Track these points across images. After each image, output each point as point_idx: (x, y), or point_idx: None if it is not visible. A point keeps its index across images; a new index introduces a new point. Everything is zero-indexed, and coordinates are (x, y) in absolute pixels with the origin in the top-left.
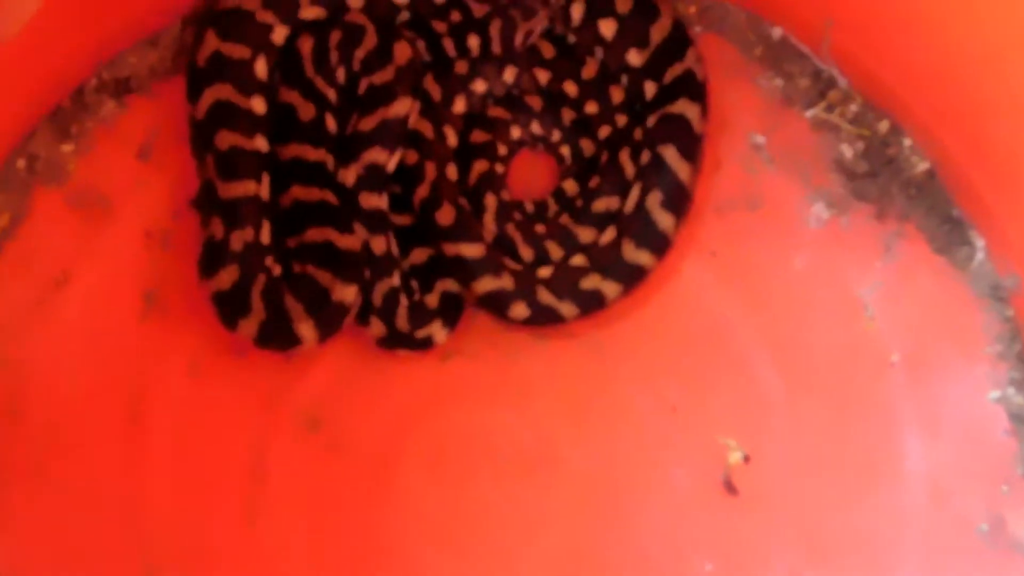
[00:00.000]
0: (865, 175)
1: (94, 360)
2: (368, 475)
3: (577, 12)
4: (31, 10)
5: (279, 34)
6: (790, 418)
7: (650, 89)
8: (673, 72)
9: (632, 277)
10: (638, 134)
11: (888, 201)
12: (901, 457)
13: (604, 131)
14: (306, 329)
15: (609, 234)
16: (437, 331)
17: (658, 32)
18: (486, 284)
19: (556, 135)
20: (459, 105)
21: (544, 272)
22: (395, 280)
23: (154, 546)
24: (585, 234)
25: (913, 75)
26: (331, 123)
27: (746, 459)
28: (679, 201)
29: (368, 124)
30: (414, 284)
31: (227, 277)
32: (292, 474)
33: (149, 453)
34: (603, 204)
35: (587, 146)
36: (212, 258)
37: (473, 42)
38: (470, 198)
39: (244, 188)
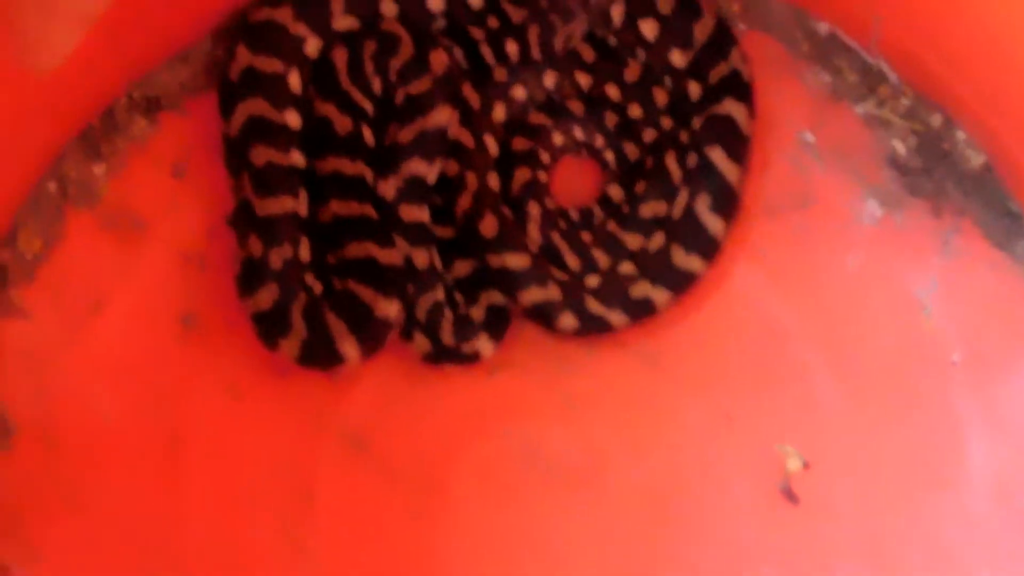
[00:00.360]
0: (919, 171)
1: (132, 385)
2: (416, 494)
3: (617, 13)
4: (72, 43)
5: (312, 46)
6: (849, 422)
7: (695, 90)
8: (718, 72)
9: (682, 283)
10: (684, 137)
11: (944, 197)
12: (965, 459)
13: (649, 135)
14: (349, 347)
15: (657, 240)
16: (483, 345)
17: (701, 31)
18: (533, 295)
19: (599, 140)
20: (499, 113)
21: (592, 281)
22: (439, 294)
23: (195, 574)
24: (633, 241)
25: (965, 67)
26: (368, 135)
27: (805, 466)
28: (728, 204)
29: (407, 135)
30: (458, 297)
31: (267, 296)
32: (338, 496)
33: (189, 479)
34: (650, 209)
35: (632, 150)
36: (251, 277)
37: (512, 48)
38: (513, 207)
39: (281, 205)
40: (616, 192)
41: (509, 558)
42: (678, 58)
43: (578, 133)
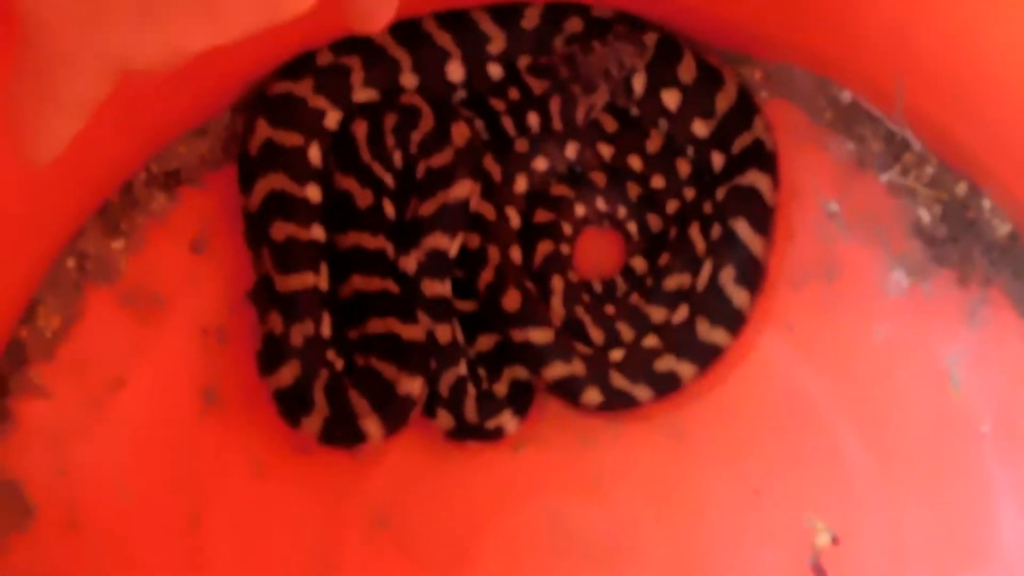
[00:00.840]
0: (945, 240)
1: (153, 463)
2: (442, 571)
3: (639, 84)
4: (71, 133)
5: (332, 119)
6: (879, 495)
7: (718, 160)
8: (741, 142)
9: (708, 356)
10: (707, 207)
11: (970, 266)
12: (998, 532)
13: (672, 205)
14: (372, 425)
15: (682, 312)
16: (507, 420)
17: (724, 100)
18: (557, 370)
19: (622, 211)
20: (521, 184)
21: (616, 355)
22: (462, 369)
23: None
24: (657, 313)
25: (991, 135)
26: (389, 209)
27: (835, 540)
28: (753, 276)
29: (428, 209)
30: (481, 372)
31: (288, 373)
32: (362, 574)
33: (212, 557)
34: (674, 282)
35: (655, 221)
36: (272, 354)
37: (533, 119)
38: (536, 281)
39: (302, 280)
40: (639, 264)
41: None
42: (701, 128)
43: (600, 204)
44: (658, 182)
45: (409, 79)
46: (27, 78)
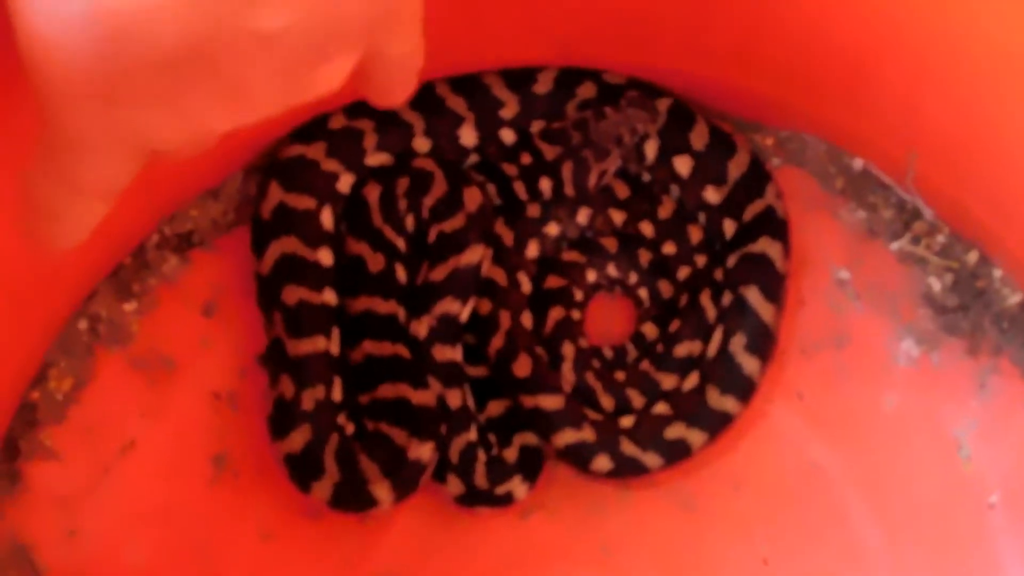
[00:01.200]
0: (955, 309)
1: (163, 527)
2: None
3: (651, 150)
4: (96, 219)
5: (344, 183)
6: (888, 566)
7: (729, 228)
8: (753, 209)
9: (718, 424)
10: (719, 274)
11: (980, 335)
12: None
13: (683, 272)
14: (382, 490)
15: (692, 380)
16: (517, 487)
17: (736, 168)
18: (567, 437)
19: (633, 277)
20: (532, 250)
21: (626, 422)
22: (472, 435)
23: None
24: (667, 380)
25: (1002, 204)
26: (401, 274)
27: None
28: (764, 344)
29: (439, 274)
30: (492, 438)
31: (299, 438)
32: None
33: None
34: (685, 349)
35: (665, 288)
36: (283, 419)
37: (545, 185)
38: (547, 347)
39: (314, 345)
40: (650, 330)
41: None
42: (712, 195)
43: (612, 270)
44: (669, 248)
45: (422, 143)
46: (47, 163)
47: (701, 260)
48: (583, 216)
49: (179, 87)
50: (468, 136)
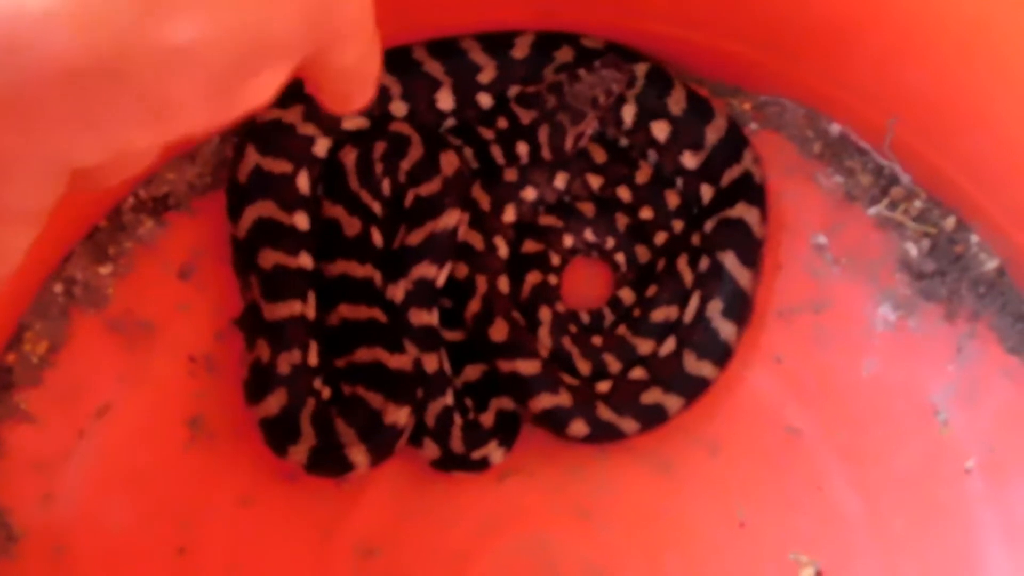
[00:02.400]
0: (933, 274)
1: (140, 490)
2: None
3: (628, 114)
4: (23, 247)
5: (321, 146)
6: (865, 531)
7: (707, 193)
8: (730, 175)
9: (694, 389)
10: (696, 239)
11: (958, 301)
12: (984, 569)
13: (660, 237)
14: (358, 454)
15: (669, 345)
16: (493, 451)
17: (713, 133)
18: (543, 401)
19: (610, 242)
20: (509, 214)
21: (603, 387)
22: (448, 399)
23: None
24: (644, 345)
25: (979, 170)
26: (377, 238)
27: (819, 575)
28: (741, 309)
29: (416, 238)
30: (468, 402)
31: (275, 402)
32: None
33: None
34: (662, 314)
35: (643, 252)
36: (259, 383)
37: (522, 149)
38: (524, 311)
39: (290, 309)
40: (627, 295)
41: None
42: (690, 160)
43: (589, 235)
44: (647, 213)
45: (399, 107)
46: None
47: (678, 225)
48: (560, 180)
49: (91, 103)
50: (445, 100)
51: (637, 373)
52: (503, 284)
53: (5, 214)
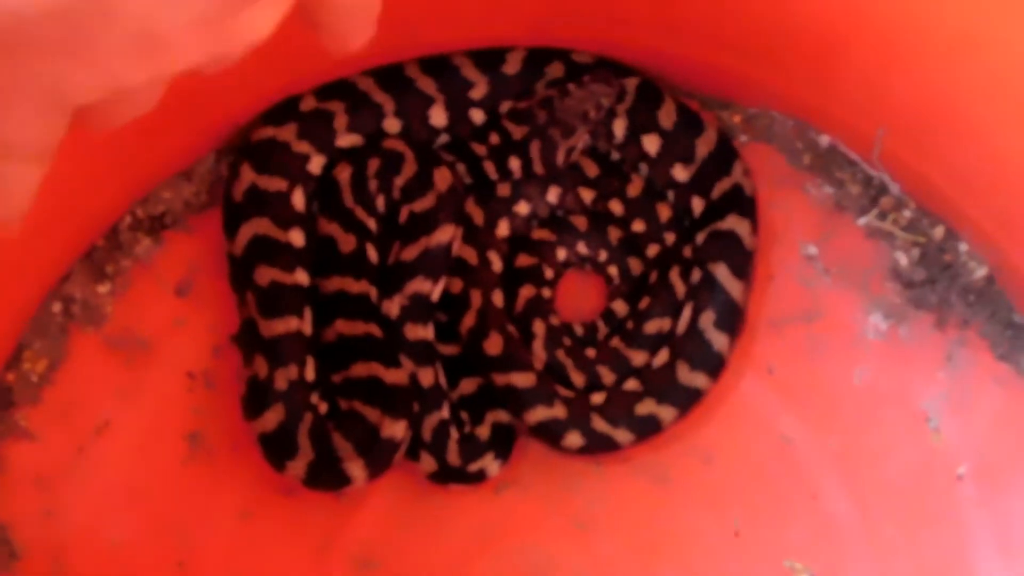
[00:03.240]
0: (923, 283)
1: (139, 506)
2: None
3: (619, 128)
4: (31, 187)
5: (316, 164)
6: (858, 538)
7: (698, 205)
8: (721, 187)
9: (688, 400)
10: (687, 252)
11: (948, 309)
12: (975, 573)
13: (652, 250)
14: (356, 468)
15: (662, 356)
16: (489, 464)
17: (704, 146)
18: (538, 414)
19: (603, 255)
20: (503, 229)
21: (597, 398)
22: (444, 412)
23: None
24: (637, 357)
25: (967, 179)
26: (372, 254)
27: None
28: (733, 320)
29: (411, 253)
30: (464, 416)
31: (273, 418)
32: None
33: None
34: (655, 326)
35: (635, 265)
36: (256, 399)
37: (514, 164)
38: (518, 325)
39: (286, 325)
40: (620, 307)
41: None
42: (681, 173)
43: (582, 248)
44: (639, 226)
45: (392, 124)
46: None
47: (670, 237)
48: (553, 195)
49: (81, 36)
50: (438, 117)
51: (631, 384)
52: (497, 298)
53: (7, 149)
